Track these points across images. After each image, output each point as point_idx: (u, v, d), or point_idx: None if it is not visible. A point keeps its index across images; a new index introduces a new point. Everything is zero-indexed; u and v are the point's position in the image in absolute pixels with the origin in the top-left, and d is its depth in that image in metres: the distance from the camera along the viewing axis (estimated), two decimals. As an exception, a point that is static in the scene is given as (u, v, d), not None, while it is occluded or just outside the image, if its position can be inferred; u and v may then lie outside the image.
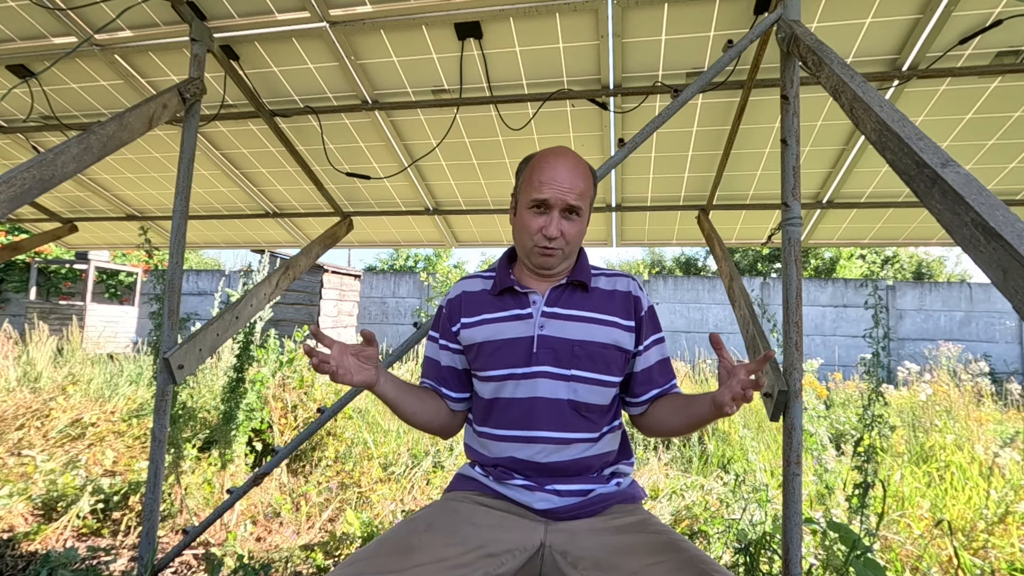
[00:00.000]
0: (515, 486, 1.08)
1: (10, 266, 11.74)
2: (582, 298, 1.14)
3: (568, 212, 1.09)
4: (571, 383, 1.08)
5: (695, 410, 1.03)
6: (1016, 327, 11.09)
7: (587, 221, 1.15)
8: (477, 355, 1.14)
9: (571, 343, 1.09)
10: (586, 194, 1.11)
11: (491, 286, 1.19)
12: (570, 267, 1.18)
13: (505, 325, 1.13)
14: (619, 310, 1.13)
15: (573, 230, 1.10)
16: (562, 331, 1.10)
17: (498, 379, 1.11)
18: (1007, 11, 1.73)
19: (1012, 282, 0.67)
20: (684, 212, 2.94)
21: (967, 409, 4.20)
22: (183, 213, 1.83)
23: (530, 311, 1.13)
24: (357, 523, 2.38)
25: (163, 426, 1.80)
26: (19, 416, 3.47)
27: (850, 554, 1.62)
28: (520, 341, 1.10)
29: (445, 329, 1.21)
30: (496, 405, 1.11)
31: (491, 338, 1.13)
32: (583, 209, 1.11)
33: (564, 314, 1.12)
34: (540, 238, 1.09)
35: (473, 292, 1.20)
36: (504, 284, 1.16)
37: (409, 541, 0.96)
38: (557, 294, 1.14)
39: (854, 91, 1.10)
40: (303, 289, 7.25)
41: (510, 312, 1.14)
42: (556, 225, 1.08)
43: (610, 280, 1.18)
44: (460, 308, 1.19)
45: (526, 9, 1.86)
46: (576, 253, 1.17)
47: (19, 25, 2.09)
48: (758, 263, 18.76)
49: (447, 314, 1.22)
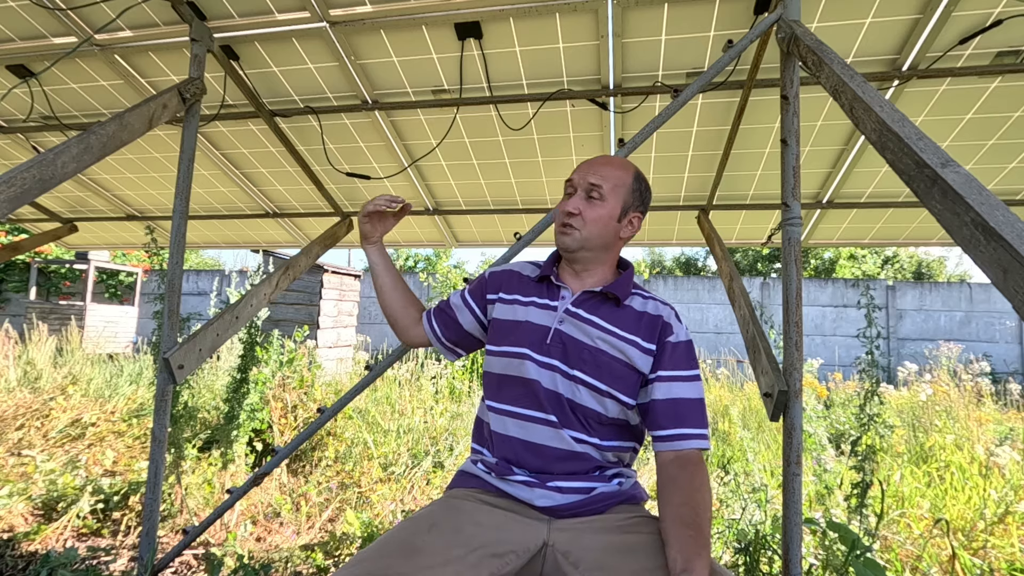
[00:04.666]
0: (516, 482, 1.08)
1: (10, 266, 11.73)
2: (610, 311, 1.14)
3: (590, 193, 1.13)
4: (572, 383, 1.09)
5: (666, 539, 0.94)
6: (1016, 327, 11.08)
7: (617, 211, 1.15)
8: (499, 329, 1.18)
9: (581, 345, 1.10)
10: (613, 180, 1.14)
11: (535, 273, 1.24)
12: (605, 275, 1.20)
13: (532, 309, 1.17)
14: (643, 331, 1.11)
15: (591, 212, 1.13)
16: (576, 332, 1.11)
17: (512, 355, 1.13)
18: (1007, 11, 1.73)
19: (1012, 282, 0.67)
20: (684, 212, 2.94)
21: (967, 409, 4.20)
22: (183, 213, 1.83)
23: (556, 304, 1.16)
24: (357, 523, 2.38)
25: (163, 426, 1.80)
26: (19, 416, 3.47)
27: (849, 554, 1.62)
28: (539, 328, 1.13)
29: (479, 292, 1.27)
30: (505, 381, 1.14)
31: (515, 318, 1.17)
32: (605, 192, 1.13)
33: (585, 318, 1.13)
34: (561, 215, 1.15)
35: (519, 275, 1.26)
36: (545, 272, 1.21)
37: (414, 541, 0.96)
38: (586, 298, 1.15)
39: (854, 91, 1.10)
40: (303, 289, 7.25)
41: (541, 299, 1.18)
42: (575, 202, 1.13)
43: (647, 303, 1.16)
44: (502, 283, 1.25)
45: (526, 9, 1.86)
46: (598, 241, 1.16)
47: (19, 25, 2.09)
48: (758, 263, 18.76)
49: (489, 281, 1.27)
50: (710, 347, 11.34)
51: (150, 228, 3.16)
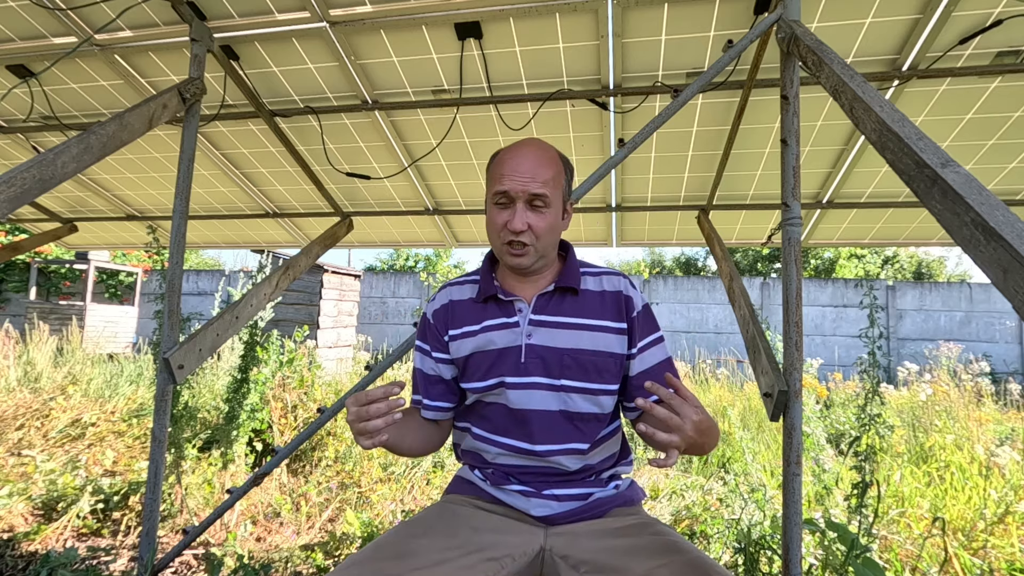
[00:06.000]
0: (512, 491, 1.07)
1: (10, 266, 11.73)
2: (571, 303, 1.08)
3: (533, 203, 1.01)
4: (561, 393, 1.04)
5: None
6: (1016, 327, 11.08)
7: (561, 212, 1.07)
8: (467, 366, 1.09)
9: (560, 352, 1.04)
10: (553, 182, 1.02)
11: (476, 292, 1.13)
12: (555, 270, 1.13)
13: (493, 334, 1.07)
14: (609, 312, 1.07)
15: (542, 223, 1.01)
16: (551, 340, 1.05)
17: (491, 388, 1.07)
18: (1007, 11, 1.73)
19: (1012, 282, 0.67)
20: (684, 212, 2.94)
21: (967, 409, 4.20)
22: (183, 213, 1.83)
23: (516, 319, 1.07)
24: (357, 523, 2.38)
25: (163, 426, 1.80)
26: (19, 416, 3.47)
27: (848, 553, 1.62)
28: (509, 351, 1.05)
29: (435, 337, 1.15)
30: (490, 411, 1.09)
31: (481, 348, 1.08)
32: (550, 198, 1.01)
33: (552, 321, 1.06)
34: (506, 234, 1.02)
35: (459, 301, 1.14)
36: (488, 291, 1.10)
37: (408, 545, 0.95)
38: (545, 301, 1.08)
39: (854, 91, 1.10)
40: (303, 289, 7.25)
41: (497, 320, 1.08)
42: (521, 218, 1.00)
43: (599, 280, 1.11)
44: (447, 318, 1.14)
45: (526, 9, 1.86)
46: (551, 248, 1.08)
47: (19, 25, 2.09)
48: (758, 263, 18.76)
49: (434, 324, 1.15)
50: (710, 347, 11.34)
51: (152, 228, 3.15)
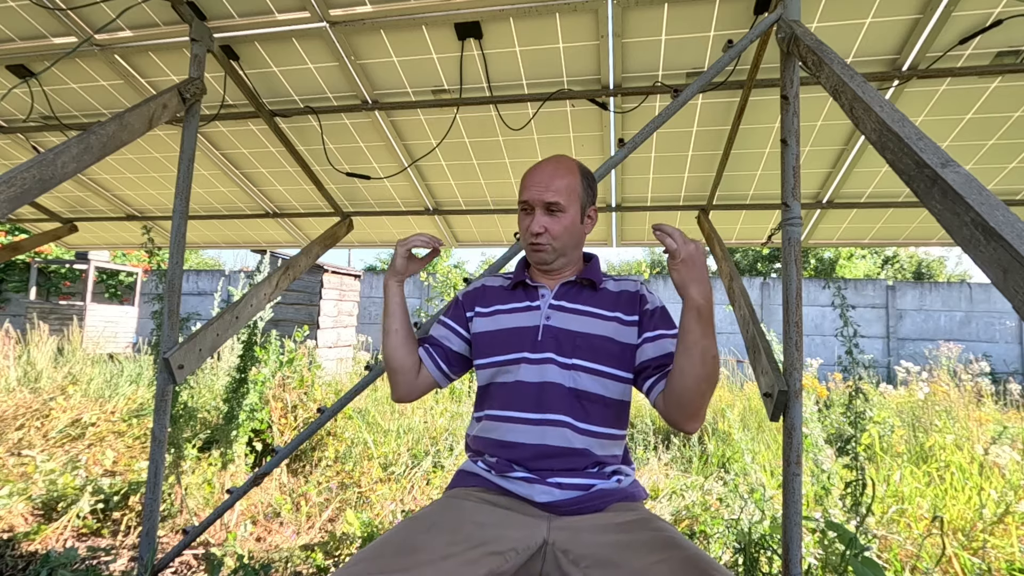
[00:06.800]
0: (516, 479, 1.09)
1: (10, 266, 11.73)
2: (590, 295, 1.21)
3: (550, 209, 1.17)
4: (572, 371, 1.12)
5: (683, 334, 1.01)
6: (1016, 327, 11.09)
7: (579, 217, 1.21)
8: (486, 342, 1.21)
9: (573, 334, 1.15)
10: (567, 190, 1.17)
11: (508, 284, 1.29)
12: (577, 267, 1.27)
13: (515, 315, 1.21)
14: (623, 307, 1.19)
15: (557, 226, 1.18)
16: (566, 323, 1.17)
17: (508, 363, 1.16)
18: (1007, 11, 1.73)
19: (1012, 282, 0.67)
20: (684, 212, 2.95)
21: (967, 409, 4.20)
22: (183, 213, 1.83)
23: (539, 303, 1.21)
24: (357, 523, 2.38)
25: (163, 426, 1.80)
26: (19, 416, 3.47)
27: (847, 553, 1.62)
28: (528, 330, 1.18)
29: (457, 315, 1.29)
30: (505, 389, 1.15)
31: (501, 327, 1.21)
32: (564, 204, 1.17)
33: (570, 307, 1.19)
34: (528, 236, 1.20)
35: (491, 287, 1.31)
36: (518, 279, 1.26)
37: (413, 541, 0.96)
38: (565, 289, 1.22)
39: (854, 91, 1.10)
40: (303, 289, 7.25)
41: (521, 304, 1.23)
42: (539, 222, 1.17)
43: (619, 283, 1.25)
44: (476, 299, 1.29)
45: (526, 9, 1.86)
46: (571, 248, 1.23)
47: (19, 25, 2.09)
48: (758, 263, 18.76)
49: (463, 302, 1.31)
50: (710, 347, 11.31)
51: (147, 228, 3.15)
